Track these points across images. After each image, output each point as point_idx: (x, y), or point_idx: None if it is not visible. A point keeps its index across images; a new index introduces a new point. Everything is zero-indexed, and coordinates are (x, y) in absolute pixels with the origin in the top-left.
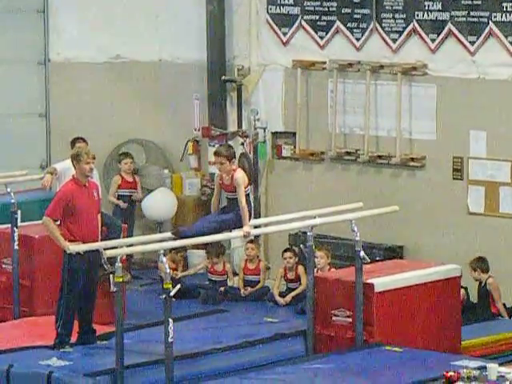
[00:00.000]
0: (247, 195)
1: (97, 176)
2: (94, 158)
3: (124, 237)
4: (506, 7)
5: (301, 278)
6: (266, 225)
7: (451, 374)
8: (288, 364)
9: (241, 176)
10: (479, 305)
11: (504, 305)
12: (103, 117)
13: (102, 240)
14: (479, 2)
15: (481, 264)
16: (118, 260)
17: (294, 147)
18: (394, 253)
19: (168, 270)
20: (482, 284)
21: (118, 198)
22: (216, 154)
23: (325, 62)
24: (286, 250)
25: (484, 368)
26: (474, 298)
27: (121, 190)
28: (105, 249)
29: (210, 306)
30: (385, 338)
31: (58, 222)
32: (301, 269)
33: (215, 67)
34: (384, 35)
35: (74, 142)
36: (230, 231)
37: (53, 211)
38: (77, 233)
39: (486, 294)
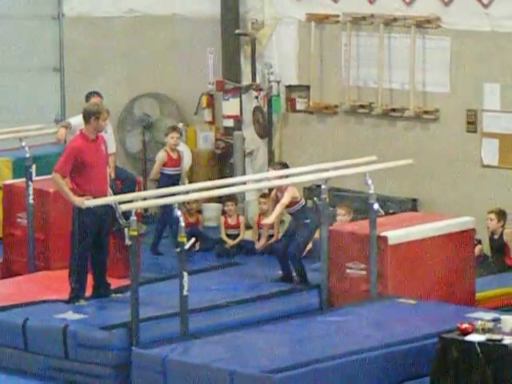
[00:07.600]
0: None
1: (111, 130)
2: (108, 114)
3: (138, 190)
4: None
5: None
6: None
7: (466, 326)
8: (303, 317)
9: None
10: (494, 257)
11: None
12: (117, 71)
13: (116, 194)
14: None
15: (502, 216)
16: (133, 214)
17: (308, 100)
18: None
19: (183, 224)
20: (496, 236)
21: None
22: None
23: (338, 16)
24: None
25: (498, 320)
26: (486, 251)
27: (166, 168)
28: (120, 202)
29: (224, 260)
30: (399, 290)
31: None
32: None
33: (229, 21)
34: None
35: (88, 97)
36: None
37: (62, 167)
38: (86, 187)
39: (502, 246)
